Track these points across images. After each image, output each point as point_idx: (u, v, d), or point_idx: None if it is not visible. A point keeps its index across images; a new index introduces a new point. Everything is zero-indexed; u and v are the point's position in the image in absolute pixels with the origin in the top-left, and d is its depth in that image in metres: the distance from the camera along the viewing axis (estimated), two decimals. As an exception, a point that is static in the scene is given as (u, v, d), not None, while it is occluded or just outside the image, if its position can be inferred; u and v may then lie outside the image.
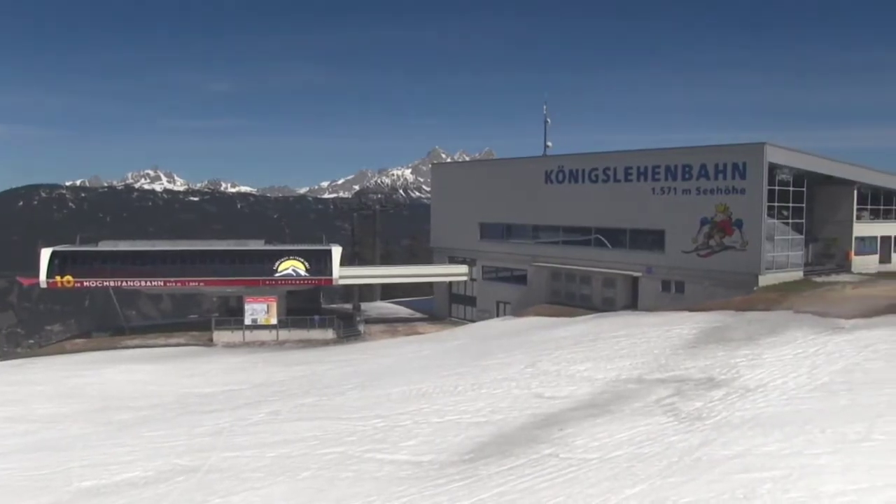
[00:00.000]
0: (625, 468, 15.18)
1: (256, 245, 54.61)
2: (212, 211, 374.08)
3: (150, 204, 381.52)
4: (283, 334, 50.44)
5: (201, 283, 51.53)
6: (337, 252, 52.46)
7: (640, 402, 20.89)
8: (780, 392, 20.13)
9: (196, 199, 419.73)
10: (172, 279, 51.05)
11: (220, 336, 49.79)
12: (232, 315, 52.32)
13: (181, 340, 49.94)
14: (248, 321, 50.58)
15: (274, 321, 50.83)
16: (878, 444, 14.90)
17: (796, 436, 15.87)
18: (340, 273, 52.48)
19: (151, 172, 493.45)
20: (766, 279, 40.11)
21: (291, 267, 51.35)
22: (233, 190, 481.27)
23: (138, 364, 40.18)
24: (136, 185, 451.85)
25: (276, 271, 51.12)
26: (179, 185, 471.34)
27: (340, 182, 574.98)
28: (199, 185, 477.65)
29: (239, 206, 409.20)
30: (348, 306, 61.71)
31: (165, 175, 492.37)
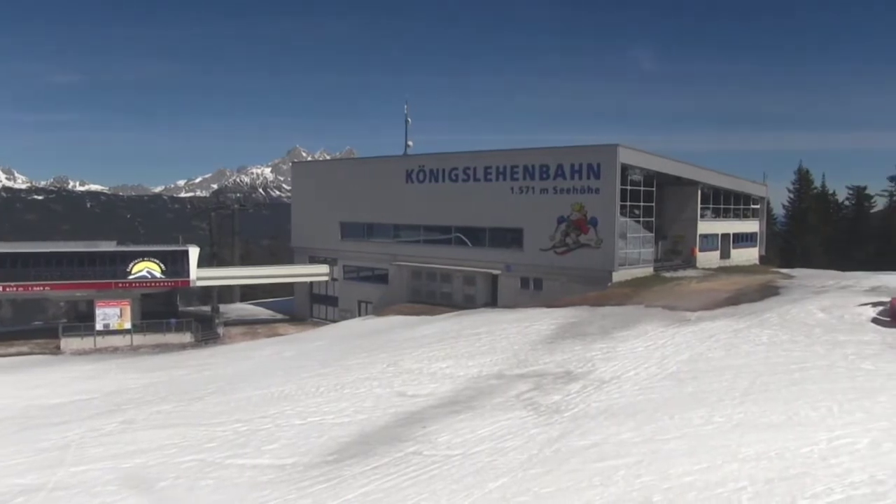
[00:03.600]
0: (487, 462, 15.46)
1: (108, 246, 52.14)
2: (58, 210, 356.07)
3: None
4: (138, 339, 48.40)
5: (46, 288, 48.57)
6: (194, 253, 50.88)
7: (500, 397, 21.32)
8: (632, 383, 21.05)
9: (40, 197, 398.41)
10: (13, 284, 47.76)
11: (69, 343, 47.18)
12: (82, 320, 49.63)
13: (24, 349, 46.85)
14: (99, 326, 48.18)
15: (128, 325, 48.67)
16: (718, 426, 15.93)
17: (647, 423, 16.66)
18: (198, 274, 50.96)
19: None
20: (619, 275, 41.74)
21: (146, 269, 49.40)
22: (81, 188, 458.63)
23: (-26, 375, 37.46)
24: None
25: (129, 273, 49.02)
26: (21, 183, 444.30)
27: (198, 181, 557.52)
28: (43, 182, 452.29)
29: (89, 205, 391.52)
30: (207, 308, 60.00)
31: (4, 171, 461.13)
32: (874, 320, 26.48)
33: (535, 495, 13.22)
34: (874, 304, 28.35)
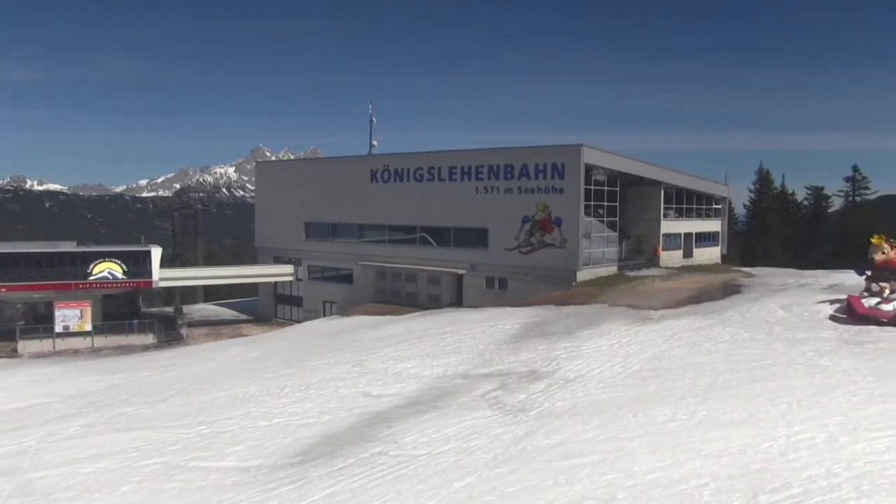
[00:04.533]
0: (453, 462, 15.49)
1: (68, 247, 51.28)
2: (15, 210, 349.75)
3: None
4: (99, 341, 47.71)
5: (3, 289, 47.64)
6: (157, 253, 50.29)
7: (466, 396, 21.36)
8: (597, 381, 21.20)
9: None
10: (-32, 285, 46.87)
11: (27, 346, 46.25)
12: (40, 322, 48.72)
13: (-22, 353, 45.95)
14: (59, 328, 47.36)
15: (88, 327, 47.95)
16: (681, 423, 16.12)
17: (612, 422, 16.80)
18: (161, 275, 50.43)
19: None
20: (583, 274, 42.03)
21: (107, 269, 48.74)
22: (40, 188, 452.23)
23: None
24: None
25: (90, 274, 48.32)
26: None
27: (160, 180, 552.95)
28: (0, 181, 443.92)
29: (48, 204, 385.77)
30: (170, 309, 59.29)
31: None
32: (831, 317, 26.97)
33: (500, 494, 13.28)
34: (831, 302, 28.88)
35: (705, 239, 56.02)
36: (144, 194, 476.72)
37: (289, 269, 56.67)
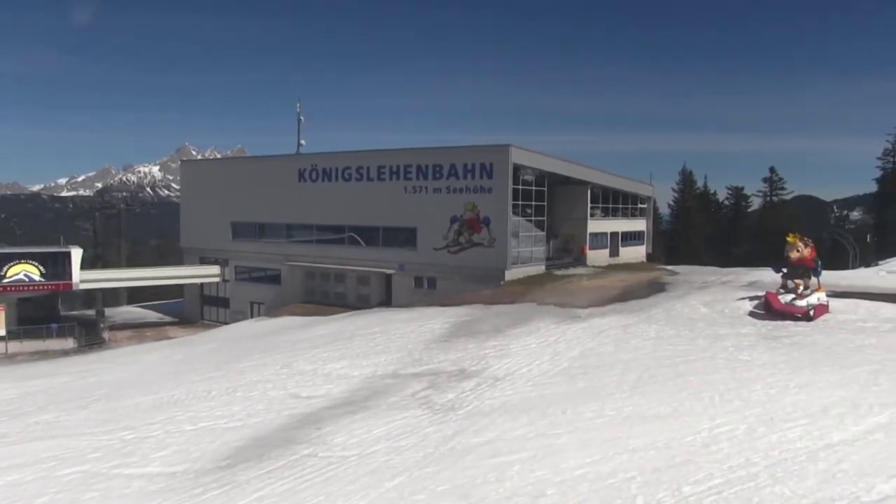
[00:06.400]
0: (383, 462, 15.45)
1: (-21, 248, 49.49)
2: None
3: None
4: (14, 346, 46.02)
5: None
6: (77, 254, 48.86)
7: (396, 396, 21.32)
8: (526, 379, 21.41)
9: None
10: None
11: (-66, 353, 44.43)
12: (-52, 329, 46.88)
13: None
14: (-31, 334, 45.66)
15: (2, 332, 46.25)
16: (608, 419, 16.43)
17: (541, 419, 16.99)
18: (82, 277, 49.01)
19: None
20: (511, 273, 42.39)
21: (23, 271, 47.15)
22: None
23: None
24: None
25: (4, 277, 46.67)
26: None
27: (81, 179, 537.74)
28: None
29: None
30: (91, 312, 57.70)
31: None
32: (751, 314, 27.89)
33: (431, 493, 13.29)
34: (751, 299, 29.82)
35: (631, 238, 57.11)
36: (64, 193, 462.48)
37: (215, 269, 55.75)
